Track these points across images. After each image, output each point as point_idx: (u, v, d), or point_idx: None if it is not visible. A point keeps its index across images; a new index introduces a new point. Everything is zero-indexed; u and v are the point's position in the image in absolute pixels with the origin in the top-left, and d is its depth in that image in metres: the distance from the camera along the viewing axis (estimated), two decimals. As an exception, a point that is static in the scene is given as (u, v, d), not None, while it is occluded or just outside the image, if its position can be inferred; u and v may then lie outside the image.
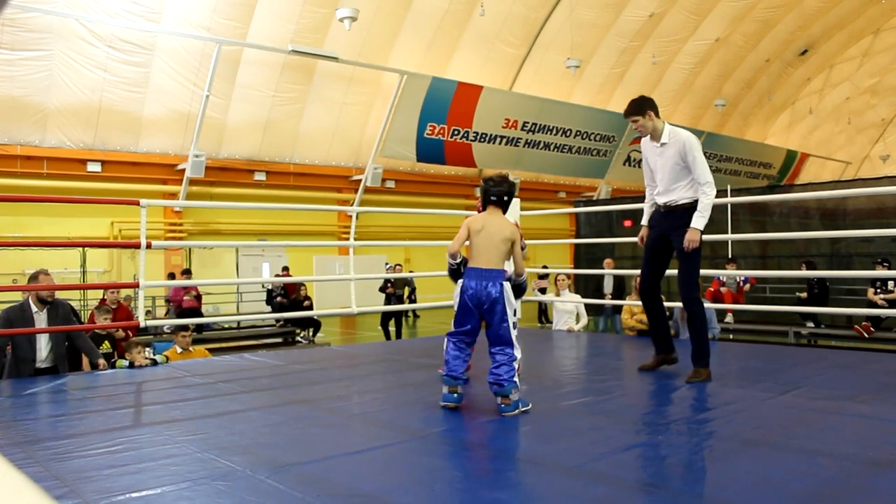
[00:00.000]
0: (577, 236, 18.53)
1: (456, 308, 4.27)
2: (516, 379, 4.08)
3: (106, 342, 7.98)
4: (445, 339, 4.31)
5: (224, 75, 18.51)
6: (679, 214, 5.01)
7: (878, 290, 11.23)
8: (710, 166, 4.87)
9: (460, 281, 4.26)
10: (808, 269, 11.58)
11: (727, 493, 2.65)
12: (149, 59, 17.67)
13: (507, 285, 4.15)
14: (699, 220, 4.92)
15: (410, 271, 18.34)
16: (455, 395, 4.18)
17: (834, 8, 30.10)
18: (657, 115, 5.04)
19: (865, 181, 16.20)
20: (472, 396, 4.64)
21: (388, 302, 14.98)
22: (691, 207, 4.94)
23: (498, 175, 4.48)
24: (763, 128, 36.48)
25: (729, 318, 13.51)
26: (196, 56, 17.98)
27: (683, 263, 5.07)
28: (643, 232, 5.34)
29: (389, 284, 15.05)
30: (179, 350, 7.29)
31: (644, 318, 7.56)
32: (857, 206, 14.58)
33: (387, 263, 18.90)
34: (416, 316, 23.31)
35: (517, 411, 4.00)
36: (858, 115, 37.47)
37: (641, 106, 5.03)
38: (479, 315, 4.19)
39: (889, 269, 10.71)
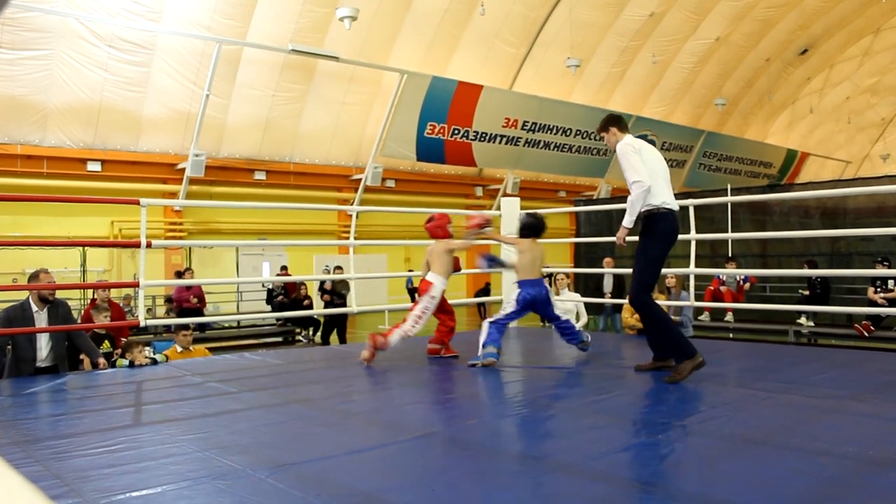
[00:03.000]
0: (577, 235, 18.50)
1: (516, 307, 5.90)
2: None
3: (106, 341, 7.97)
4: (486, 325, 5.85)
5: (224, 75, 18.51)
6: (640, 221, 5.12)
7: (879, 289, 11.23)
8: (710, 165, 4.94)
9: (517, 289, 5.98)
10: (809, 268, 11.57)
11: (727, 493, 2.65)
12: (149, 59, 17.68)
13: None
14: (626, 218, 5.05)
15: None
16: (498, 354, 5.74)
17: (834, 7, 30.09)
18: (620, 130, 5.21)
19: (865, 180, 16.20)
20: (471, 397, 4.65)
21: (328, 307, 14.40)
22: (648, 215, 5.03)
23: (537, 215, 6.24)
24: (763, 127, 36.48)
25: (729, 316, 13.51)
26: (196, 55, 17.98)
27: (634, 266, 5.19)
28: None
29: (327, 290, 14.60)
30: (180, 349, 7.30)
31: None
32: (857, 205, 14.56)
33: (326, 266, 18.74)
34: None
35: (585, 342, 6.15)
36: (858, 114, 37.46)
37: (604, 124, 5.32)
38: (530, 310, 6.01)
39: (889, 267, 10.70)
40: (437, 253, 6.19)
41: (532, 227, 6.14)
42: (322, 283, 14.84)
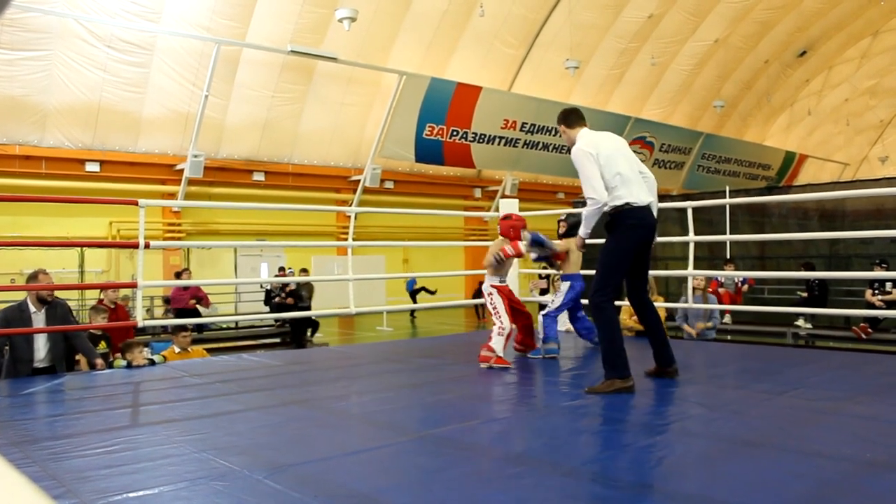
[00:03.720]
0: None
1: (566, 299, 6.35)
2: None
3: (102, 342, 7.96)
4: (542, 318, 6.26)
5: (223, 75, 18.51)
6: (604, 218, 4.92)
7: (877, 292, 11.24)
8: (710, 167, 4.84)
9: (567, 283, 6.42)
10: (806, 270, 11.58)
11: (724, 494, 2.65)
12: (148, 59, 17.68)
13: None
14: (581, 230, 4.94)
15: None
16: (558, 348, 6.21)
17: (833, 9, 30.13)
18: (570, 126, 4.98)
19: (864, 182, 16.19)
20: (469, 398, 4.65)
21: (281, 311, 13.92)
22: (612, 213, 4.81)
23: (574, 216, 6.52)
24: (762, 129, 36.51)
25: (727, 318, 13.51)
26: (195, 56, 17.99)
27: (596, 265, 4.96)
28: None
29: (281, 293, 14.22)
30: (178, 350, 7.29)
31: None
32: (856, 207, 14.56)
33: (280, 268, 18.70)
34: (412, 316, 23.33)
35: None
36: (857, 116, 37.51)
37: (558, 119, 5.09)
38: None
39: (887, 270, 10.71)
40: (491, 252, 6.18)
41: (577, 226, 6.15)
42: (284, 284, 14.71)
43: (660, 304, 5.52)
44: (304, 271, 15.46)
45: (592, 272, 4.97)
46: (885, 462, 2.99)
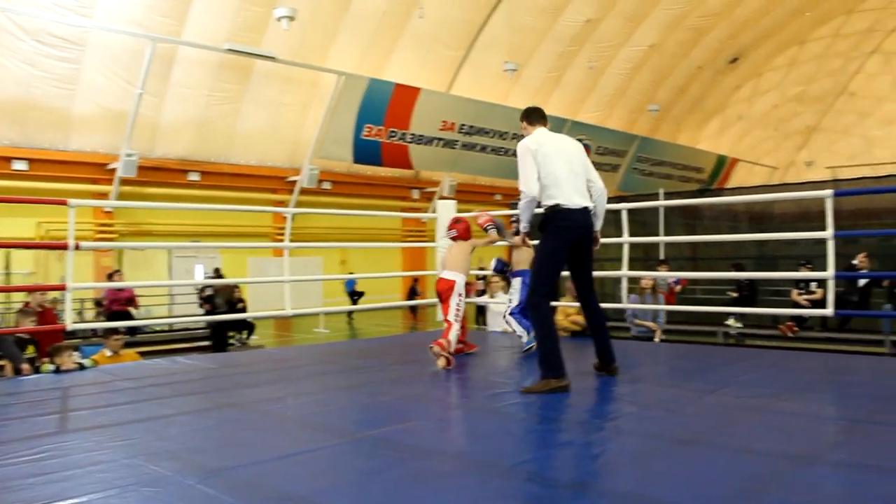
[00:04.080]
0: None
1: (523, 295, 6.28)
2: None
3: (30, 346, 7.75)
4: (510, 318, 6.57)
5: (158, 73, 18.14)
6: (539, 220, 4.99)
7: (802, 291, 11.59)
8: (644, 170, 4.92)
9: (519, 278, 6.67)
10: (736, 270, 11.88)
11: (658, 491, 2.71)
12: (80, 55, 17.21)
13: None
14: (521, 224, 5.07)
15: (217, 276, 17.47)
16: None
17: (762, 18, 30.98)
18: (530, 124, 5.04)
19: (791, 186, 16.70)
20: (406, 399, 4.65)
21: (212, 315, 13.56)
22: (544, 215, 4.87)
23: None
24: (695, 133, 37.34)
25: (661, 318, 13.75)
26: (129, 53, 17.58)
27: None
28: None
29: (207, 298, 13.91)
30: (109, 354, 7.12)
31: (579, 318, 7.69)
32: (783, 209, 15.00)
33: (216, 269, 18.58)
34: (350, 317, 23.25)
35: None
36: (785, 121, 38.66)
37: (521, 116, 5.16)
38: None
39: (812, 270, 11.04)
40: (462, 253, 6.25)
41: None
42: (202, 289, 14.47)
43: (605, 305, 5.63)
44: (219, 274, 15.12)
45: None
46: (808, 456, 3.09)
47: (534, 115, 5.09)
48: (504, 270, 7.17)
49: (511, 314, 6.59)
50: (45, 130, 17.87)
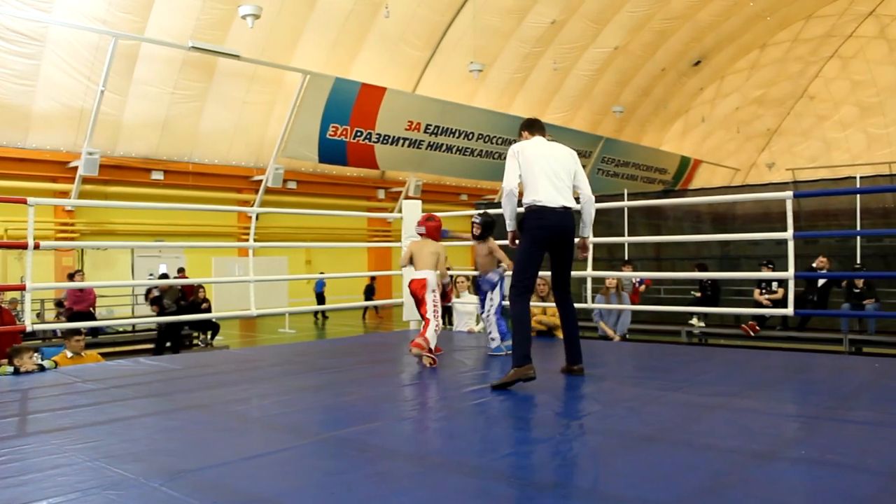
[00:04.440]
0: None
1: (502, 295, 6.49)
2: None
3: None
4: (491, 318, 6.48)
5: (120, 70, 17.91)
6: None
7: (764, 291, 11.77)
8: (609, 171, 4.99)
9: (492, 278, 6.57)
10: (699, 270, 12.03)
11: (621, 488, 2.73)
12: (39, 51, 16.94)
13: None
14: (507, 223, 5.15)
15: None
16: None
17: (725, 22, 31.41)
18: (531, 133, 5.20)
19: (753, 187, 16.95)
20: (370, 400, 4.64)
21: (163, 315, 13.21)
22: (523, 213, 5.01)
23: (487, 215, 6.62)
24: (659, 134, 37.73)
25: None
26: (90, 49, 17.33)
27: None
28: None
29: (154, 300, 13.63)
30: (70, 355, 7.01)
31: (543, 318, 7.74)
32: (745, 210, 15.23)
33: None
34: (324, 317, 23.15)
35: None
36: (747, 124, 39.23)
37: (521, 127, 5.33)
38: None
39: (773, 270, 11.22)
40: (431, 255, 6.21)
41: (491, 226, 6.65)
42: (148, 291, 14.29)
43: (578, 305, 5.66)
44: (165, 276, 14.95)
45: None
46: (768, 452, 3.14)
47: (534, 126, 5.26)
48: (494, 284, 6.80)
49: (492, 314, 6.54)
50: (3, 128, 17.57)
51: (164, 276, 15.33)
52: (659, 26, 29.35)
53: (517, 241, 5.14)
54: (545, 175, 4.93)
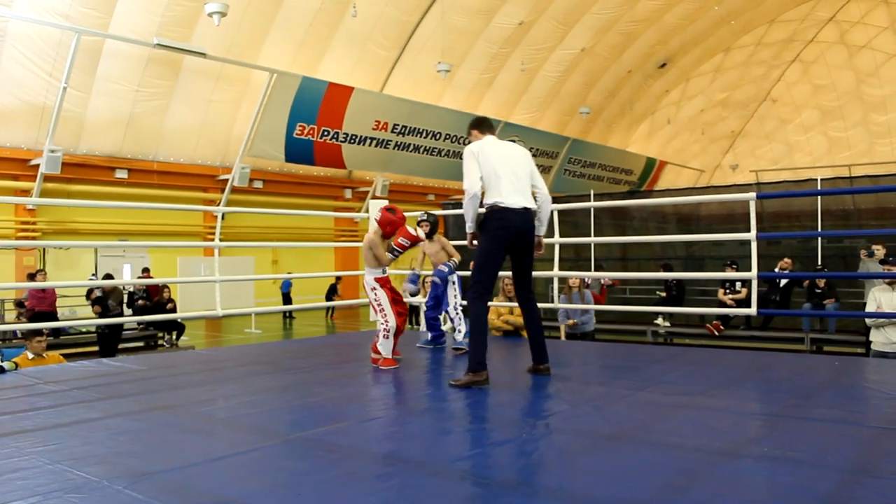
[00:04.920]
0: (445, 238, 18.73)
1: (459, 289, 6.66)
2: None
3: (-53, 348, 7.45)
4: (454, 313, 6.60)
5: (83, 67, 17.65)
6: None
7: (728, 291, 11.93)
8: (575, 171, 5.01)
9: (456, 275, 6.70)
10: (665, 271, 12.16)
11: (587, 487, 2.75)
12: (-2, 46, 16.66)
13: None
14: (467, 224, 5.11)
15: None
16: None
17: (690, 25, 31.76)
18: (481, 132, 5.24)
19: (717, 188, 17.15)
20: (337, 400, 4.63)
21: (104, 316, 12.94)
22: (484, 215, 5.01)
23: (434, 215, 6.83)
24: (625, 136, 38.06)
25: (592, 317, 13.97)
26: (52, 45, 17.06)
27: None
28: None
29: (96, 300, 13.33)
30: (31, 356, 6.90)
31: (510, 318, 7.76)
32: (710, 211, 15.41)
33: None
34: (291, 317, 23.02)
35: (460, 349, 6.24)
36: (711, 126, 39.73)
37: (471, 125, 5.39)
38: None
39: (737, 270, 11.37)
40: (371, 249, 5.86)
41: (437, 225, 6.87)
42: (90, 291, 14.12)
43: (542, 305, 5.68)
44: (109, 276, 14.73)
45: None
46: (732, 450, 3.19)
47: (484, 125, 5.32)
48: (445, 279, 6.73)
49: (458, 308, 6.61)
50: (-39, 125, 17.26)
51: (109, 276, 15.12)
52: (625, 28, 29.59)
53: (475, 243, 5.15)
54: (507, 176, 4.94)
